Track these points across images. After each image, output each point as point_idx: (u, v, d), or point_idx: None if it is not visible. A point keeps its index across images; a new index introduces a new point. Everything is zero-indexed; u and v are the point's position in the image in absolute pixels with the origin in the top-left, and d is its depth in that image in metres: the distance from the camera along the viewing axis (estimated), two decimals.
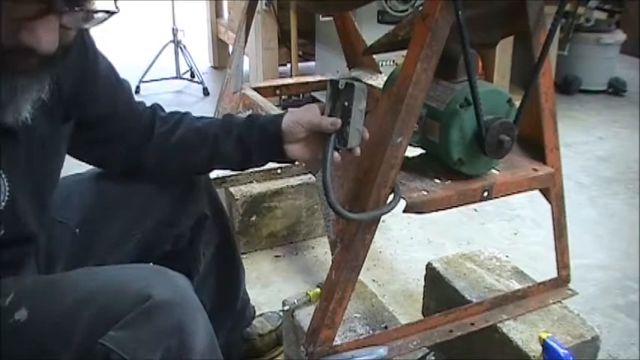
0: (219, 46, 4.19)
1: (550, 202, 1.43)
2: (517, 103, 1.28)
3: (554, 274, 1.51)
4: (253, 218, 2.07)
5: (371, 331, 1.33)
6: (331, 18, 2.51)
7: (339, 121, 1.09)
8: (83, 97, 1.07)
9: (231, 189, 2.07)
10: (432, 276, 1.64)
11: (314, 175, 1.89)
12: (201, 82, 3.79)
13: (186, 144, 1.19)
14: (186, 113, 1.24)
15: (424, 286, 1.71)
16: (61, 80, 0.98)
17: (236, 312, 1.49)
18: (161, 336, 0.84)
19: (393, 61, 2.91)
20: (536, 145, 1.39)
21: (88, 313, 0.85)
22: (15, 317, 0.87)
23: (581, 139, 3.22)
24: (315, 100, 3.28)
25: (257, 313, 1.62)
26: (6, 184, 0.92)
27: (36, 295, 0.90)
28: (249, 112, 2.01)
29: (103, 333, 0.83)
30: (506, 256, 1.67)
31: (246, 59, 2.65)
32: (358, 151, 1.13)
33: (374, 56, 2.27)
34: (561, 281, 1.52)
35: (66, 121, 1.06)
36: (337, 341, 1.28)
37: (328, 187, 1.08)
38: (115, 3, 0.87)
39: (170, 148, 1.19)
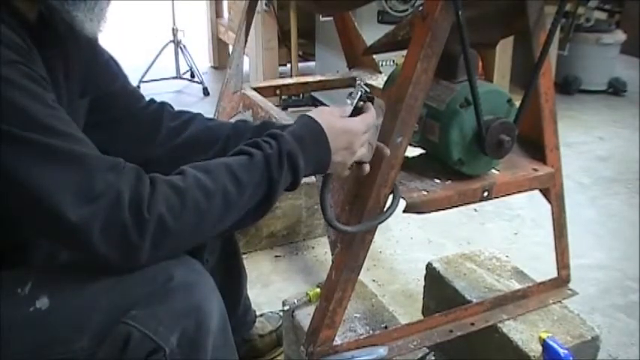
0: (219, 46, 4.19)
1: (550, 202, 1.43)
2: (517, 103, 1.28)
3: (554, 274, 1.51)
4: None
5: (371, 331, 1.33)
6: (331, 18, 2.51)
7: None
8: (91, 73, 1.10)
9: None
10: (432, 276, 1.64)
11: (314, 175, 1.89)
12: (201, 82, 3.79)
13: (196, 141, 1.19)
14: (199, 113, 1.25)
15: (424, 286, 1.71)
16: (74, 56, 1.02)
17: (237, 318, 1.49)
18: (180, 316, 0.89)
19: (393, 61, 2.91)
20: (536, 145, 1.39)
21: (110, 297, 0.88)
22: (36, 305, 0.88)
23: (581, 139, 3.22)
24: (315, 100, 3.28)
25: (257, 313, 1.62)
26: None
27: (57, 283, 0.91)
28: (250, 111, 2.01)
29: (124, 314, 0.87)
30: (506, 256, 1.67)
31: (246, 59, 2.65)
32: (367, 168, 1.12)
33: (374, 56, 2.27)
34: (561, 281, 1.52)
35: (83, 96, 1.08)
36: (337, 341, 1.28)
37: (325, 204, 1.09)
38: None
39: (180, 144, 1.20)
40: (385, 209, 1.20)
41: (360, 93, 1.07)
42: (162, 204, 0.87)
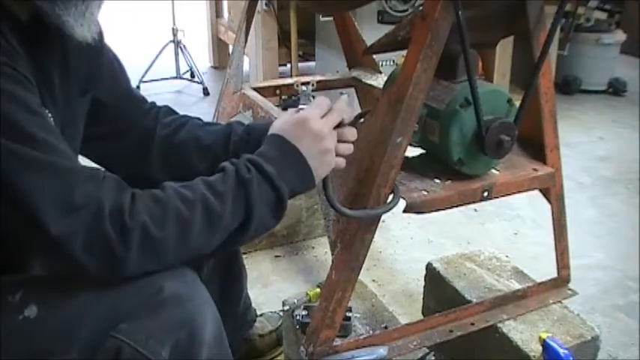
0: (219, 46, 4.19)
1: (550, 202, 1.43)
2: (517, 103, 1.28)
3: (554, 274, 1.51)
4: None
5: (371, 331, 1.33)
6: (331, 18, 2.51)
7: None
8: (94, 71, 1.09)
9: None
10: (432, 276, 1.64)
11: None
12: (201, 82, 3.79)
13: (186, 158, 1.18)
14: (190, 119, 1.23)
15: (424, 286, 1.71)
16: (74, 55, 1.01)
17: (237, 316, 1.49)
18: (171, 329, 0.87)
19: (393, 61, 2.91)
20: (536, 145, 1.39)
21: (99, 308, 0.87)
22: (25, 314, 0.88)
23: (581, 139, 3.22)
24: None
25: (257, 313, 1.62)
26: None
27: (46, 292, 0.90)
28: (250, 111, 2.01)
29: (113, 327, 0.86)
30: (506, 256, 1.67)
31: (246, 59, 2.65)
32: (343, 163, 1.10)
33: (374, 56, 2.27)
34: (561, 281, 1.52)
35: (84, 95, 1.07)
36: (337, 341, 1.28)
37: (327, 185, 1.08)
38: None
39: (171, 160, 1.19)
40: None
41: (304, 97, 1.08)
42: (144, 212, 0.86)
